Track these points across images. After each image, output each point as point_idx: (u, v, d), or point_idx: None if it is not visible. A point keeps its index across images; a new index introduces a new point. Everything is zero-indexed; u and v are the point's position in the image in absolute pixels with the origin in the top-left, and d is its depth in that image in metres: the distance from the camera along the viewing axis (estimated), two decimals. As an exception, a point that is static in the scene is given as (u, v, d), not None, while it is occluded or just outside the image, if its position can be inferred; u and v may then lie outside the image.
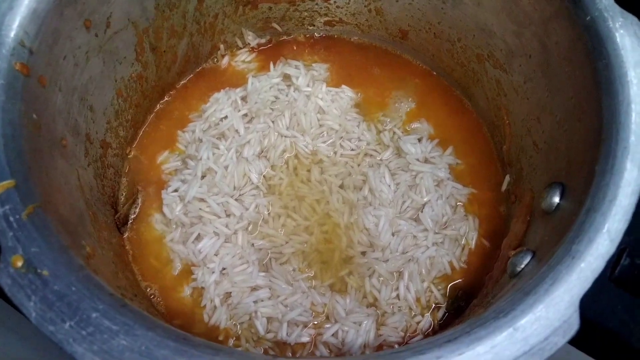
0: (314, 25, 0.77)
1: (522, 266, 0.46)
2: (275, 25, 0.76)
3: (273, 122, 0.69)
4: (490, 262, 0.60)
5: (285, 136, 0.68)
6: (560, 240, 0.40)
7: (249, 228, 0.63)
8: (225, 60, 0.75)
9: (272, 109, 0.70)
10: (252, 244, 0.62)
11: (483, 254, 0.61)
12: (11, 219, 0.38)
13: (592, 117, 0.47)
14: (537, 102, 0.59)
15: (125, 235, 0.63)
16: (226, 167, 0.65)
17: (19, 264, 0.36)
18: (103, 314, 0.35)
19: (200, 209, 0.63)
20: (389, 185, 0.64)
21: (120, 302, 0.36)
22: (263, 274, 0.60)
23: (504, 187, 0.66)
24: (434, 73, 0.75)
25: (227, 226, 0.62)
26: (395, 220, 0.61)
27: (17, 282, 0.35)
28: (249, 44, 0.76)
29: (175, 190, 0.65)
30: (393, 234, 0.61)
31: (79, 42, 0.54)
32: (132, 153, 0.69)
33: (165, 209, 0.63)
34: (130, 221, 0.64)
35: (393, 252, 0.60)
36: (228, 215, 0.63)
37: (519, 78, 0.62)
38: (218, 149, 0.67)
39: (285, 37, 0.78)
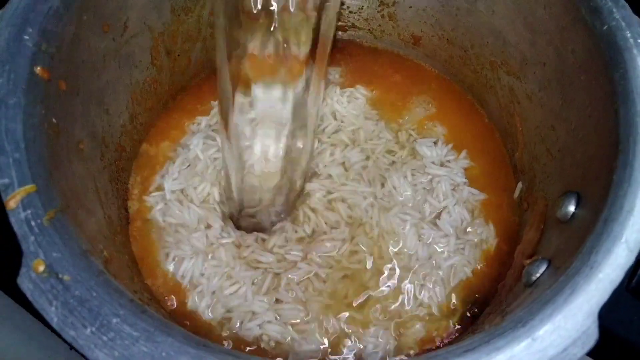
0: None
1: (538, 275, 0.46)
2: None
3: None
4: (503, 269, 0.60)
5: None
6: (578, 250, 0.40)
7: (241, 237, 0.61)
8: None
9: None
10: (245, 259, 0.59)
11: (497, 262, 0.61)
12: (32, 223, 0.38)
13: (608, 126, 0.47)
14: (552, 110, 0.59)
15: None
16: (214, 159, 0.64)
17: (41, 268, 0.36)
18: (124, 320, 0.35)
19: (178, 211, 0.62)
20: (411, 186, 0.63)
21: (141, 307, 0.37)
22: (263, 297, 0.57)
23: (516, 194, 0.66)
24: (447, 77, 0.75)
25: (206, 237, 0.60)
26: (420, 224, 0.61)
27: (39, 287, 0.36)
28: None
29: (157, 189, 0.64)
30: (419, 240, 0.60)
31: (97, 47, 0.54)
32: (143, 147, 0.69)
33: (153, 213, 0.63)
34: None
35: (420, 260, 0.59)
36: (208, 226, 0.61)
37: (533, 86, 0.62)
38: (213, 140, 0.66)
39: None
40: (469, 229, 0.62)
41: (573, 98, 0.54)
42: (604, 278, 0.37)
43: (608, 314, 0.36)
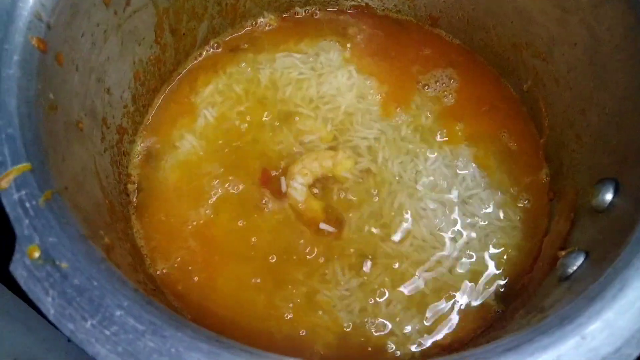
0: (338, 8, 0.74)
1: (574, 268, 0.43)
2: (298, 9, 0.73)
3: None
4: (527, 260, 0.57)
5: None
6: (624, 241, 0.37)
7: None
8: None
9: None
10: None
11: (524, 253, 0.57)
12: (27, 205, 0.34)
13: (650, 109, 0.44)
14: (581, 93, 0.55)
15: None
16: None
17: (36, 254, 0.33)
18: (128, 312, 0.32)
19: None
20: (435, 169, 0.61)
21: (146, 298, 0.33)
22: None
23: (541, 180, 0.62)
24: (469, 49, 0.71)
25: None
26: (452, 209, 0.59)
27: (34, 275, 0.32)
28: (271, 27, 0.73)
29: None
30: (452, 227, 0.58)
31: (97, 19, 0.50)
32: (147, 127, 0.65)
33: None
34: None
35: (458, 250, 0.57)
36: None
37: (561, 68, 0.58)
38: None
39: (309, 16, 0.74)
40: (498, 217, 0.59)
41: (607, 80, 0.51)
42: (657, 270, 0.34)
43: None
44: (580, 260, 0.43)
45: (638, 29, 0.46)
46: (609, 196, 0.45)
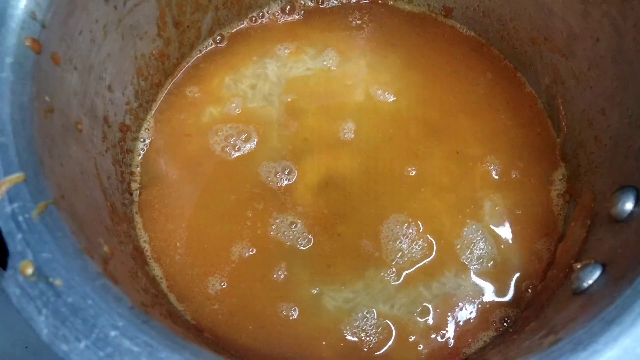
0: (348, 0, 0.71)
1: (590, 282, 0.41)
2: (305, 0, 0.70)
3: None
4: (540, 266, 0.55)
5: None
6: (645, 258, 0.35)
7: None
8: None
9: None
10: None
11: (536, 259, 0.55)
12: (20, 218, 0.33)
13: (678, 113, 0.41)
14: (603, 92, 0.52)
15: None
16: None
17: (29, 271, 0.32)
18: (123, 332, 0.31)
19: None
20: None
21: (142, 317, 0.32)
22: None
23: (556, 181, 0.60)
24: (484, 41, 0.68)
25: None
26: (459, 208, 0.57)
27: (27, 293, 0.31)
28: (277, 18, 0.70)
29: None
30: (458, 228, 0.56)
31: (96, 15, 0.48)
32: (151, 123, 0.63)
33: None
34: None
35: (473, 251, 0.55)
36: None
37: (581, 64, 0.55)
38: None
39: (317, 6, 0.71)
40: (511, 220, 0.57)
41: (631, 79, 0.48)
42: (681, 294, 0.32)
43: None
44: (596, 274, 0.41)
45: (666, 27, 0.43)
46: (629, 205, 0.43)
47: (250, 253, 0.56)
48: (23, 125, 0.37)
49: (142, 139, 0.62)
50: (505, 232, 0.57)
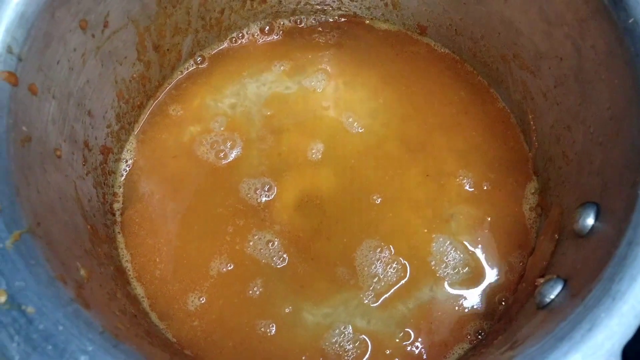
0: (325, 18, 0.73)
1: (552, 297, 0.42)
2: (284, 20, 0.72)
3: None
4: (513, 278, 0.56)
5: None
6: (598, 275, 0.36)
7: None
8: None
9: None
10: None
11: (509, 271, 0.56)
12: (-6, 248, 0.34)
13: (632, 132, 0.43)
14: (568, 109, 0.54)
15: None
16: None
17: (2, 299, 0.33)
18: (92, 357, 0.32)
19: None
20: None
21: (112, 341, 0.33)
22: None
23: (529, 195, 0.61)
24: (458, 58, 0.70)
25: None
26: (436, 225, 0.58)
27: (0, 320, 0.32)
28: (256, 39, 0.72)
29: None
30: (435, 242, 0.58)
31: (73, 45, 0.50)
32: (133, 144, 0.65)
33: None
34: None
35: (447, 263, 0.57)
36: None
37: (548, 82, 0.57)
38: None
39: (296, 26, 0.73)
40: (481, 234, 0.58)
41: (592, 97, 0.50)
42: (628, 312, 0.33)
43: (635, 353, 0.31)
44: (558, 289, 0.42)
45: (619, 48, 0.44)
46: (590, 221, 0.45)
47: (229, 268, 0.57)
48: (-1, 157, 0.39)
49: (124, 160, 0.64)
50: (478, 243, 0.58)
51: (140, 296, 0.56)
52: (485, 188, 0.62)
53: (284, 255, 0.57)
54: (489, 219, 0.60)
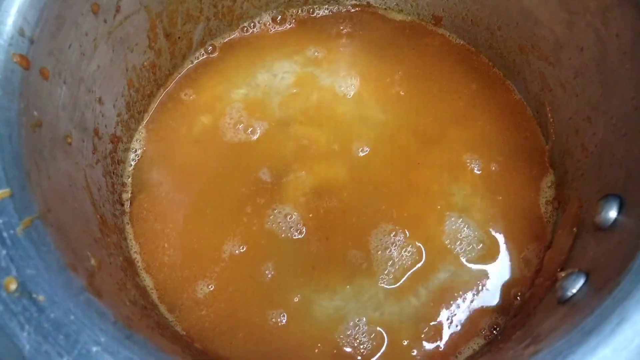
0: (339, 7, 0.72)
1: (574, 291, 0.41)
2: (296, 9, 0.71)
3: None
4: (529, 273, 0.55)
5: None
6: (625, 267, 0.35)
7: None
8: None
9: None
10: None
11: (525, 266, 0.55)
12: (5, 234, 0.34)
13: (659, 123, 0.41)
14: (589, 100, 0.53)
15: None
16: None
17: (13, 287, 0.32)
18: (105, 348, 0.31)
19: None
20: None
21: (125, 332, 0.32)
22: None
23: (545, 188, 0.60)
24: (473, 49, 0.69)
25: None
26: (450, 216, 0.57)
27: (10, 309, 0.32)
28: (268, 28, 0.71)
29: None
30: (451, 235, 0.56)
31: (85, 29, 0.49)
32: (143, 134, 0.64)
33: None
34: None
35: (456, 258, 0.56)
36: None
37: (567, 73, 0.55)
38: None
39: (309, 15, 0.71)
40: (498, 224, 0.57)
41: (615, 88, 0.48)
42: (659, 305, 0.32)
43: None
44: (580, 283, 0.41)
45: (647, 37, 0.43)
46: (612, 214, 0.43)
47: (241, 250, 0.56)
48: (10, 141, 0.38)
49: (133, 150, 0.63)
50: (494, 231, 0.57)
51: (149, 288, 0.56)
52: (500, 181, 0.61)
53: (303, 228, 0.56)
54: (505, 212, 0.58)
